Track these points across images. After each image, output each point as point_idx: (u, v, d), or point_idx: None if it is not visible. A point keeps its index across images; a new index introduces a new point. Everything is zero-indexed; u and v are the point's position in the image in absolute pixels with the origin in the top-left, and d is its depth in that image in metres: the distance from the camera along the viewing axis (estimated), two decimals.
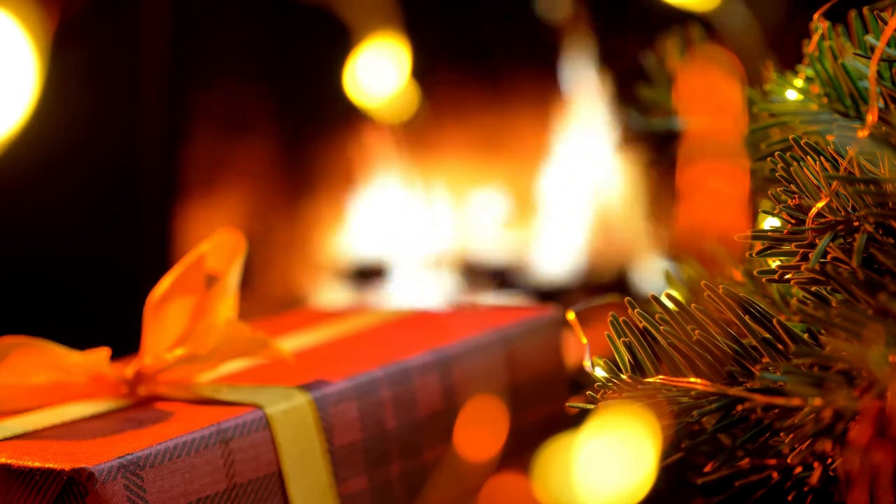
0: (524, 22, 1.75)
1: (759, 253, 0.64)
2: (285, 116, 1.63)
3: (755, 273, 0.69)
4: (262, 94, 1.61)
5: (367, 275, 1.68)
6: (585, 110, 1.78)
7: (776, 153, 0.64)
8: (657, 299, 0.63)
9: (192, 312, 0.74)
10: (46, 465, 0.62)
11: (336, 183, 1.68)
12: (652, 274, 1.67)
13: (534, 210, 1.79)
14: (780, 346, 0.60)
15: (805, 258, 0.62)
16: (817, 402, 0.56)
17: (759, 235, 0.64)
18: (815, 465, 0.63)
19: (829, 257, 0.60)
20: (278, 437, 0.68)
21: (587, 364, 0.65)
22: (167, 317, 0.74)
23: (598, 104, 1.77)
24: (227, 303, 0.75)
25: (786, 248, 0.63)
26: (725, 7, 1.42)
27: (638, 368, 0.62)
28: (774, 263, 0.64)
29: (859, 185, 0.60)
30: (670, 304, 0.63)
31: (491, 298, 1.70)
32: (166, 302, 0.73)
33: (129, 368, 0.73)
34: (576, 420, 0.62)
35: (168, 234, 1.47)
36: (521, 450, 0.77)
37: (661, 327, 0.62)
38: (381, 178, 1.71)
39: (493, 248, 1.76)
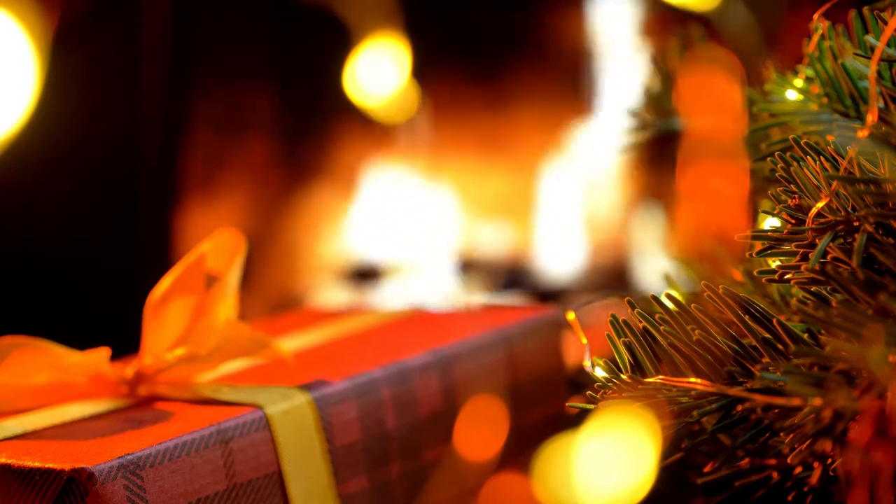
0: (524, 22, 1.75)
1: (759, 253, 0.64)
2: (285, 116, 1.63)
3: (755, 273, 0.69)
4: (262, 94, 1.61)
5: (367, 275, 1.68)
6: (585, 109, 1.78)
7: (776, 153, 0.64)
8: (657, 299, 0.63)
9: (192, 312, 0.74)
10: (46, 465, 0.62)
11: (336, 183, 1.68)
12: (652, 274, 1.67)
13: (534, 210, 1.79)
14: (780, 346, 0.60)
15: (805, 258, 0.62)
16: (817, 402, 0.56)
17: (759, 235, 0.64)
18: (815, 465, 0.63)
19: (829, 257, 0.60)
20: (278, 437, 0.68)
21: (587, 364, 0.65)
22: (167, 317, 0.73)
23: (598, 104, 1.77)
24: (227, 303, 0.75)
25: (786, 248, 0.63)
26: (725, 7, 1.42)
27: (638, 368, 0.62)
28: (774, 263, 0.64)
29: (859, 185, 0.60)
30: (670, 304, 0.63)
31: (491, 298, 1.70)
32: (166, 302, 0.73)
33: (129, 368, 0.73)
34: (576, 420, 0.62)
35: (168, 234, 1.47)
36: (521, 450, 0.77)
37: (661, 327, 0.62)
38: (382, 178, 1.71)
39: (493, 247, 1.76)
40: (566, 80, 1.79)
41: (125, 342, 0.82)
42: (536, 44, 1.77)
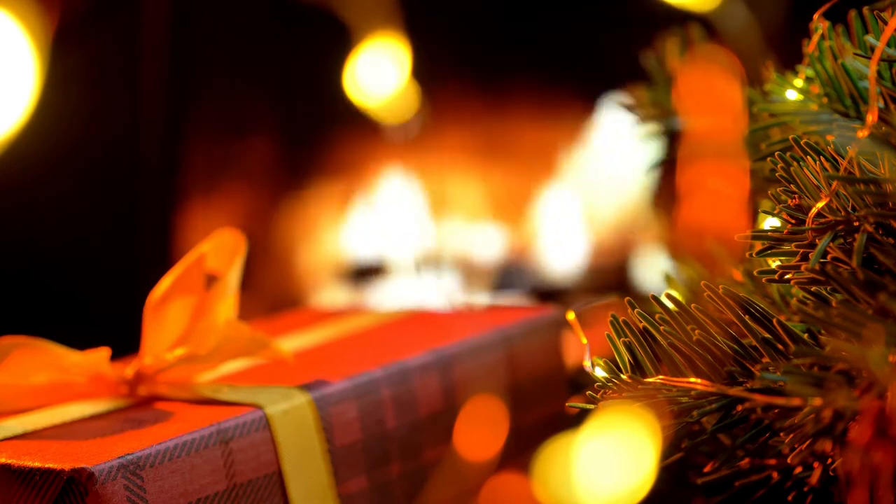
0: (524, 22, 1.75)
1: (759, 253, 0.64)
2: (285, 116, 1.63)
3: (755, 273, 0.69)
4: (262, 95, 1.61)
5: (367, 275, 1.68)
6: (586, 111, 1.78)
7: (776, 153, 0.64)
8: (657, 299, 0.63)
9: (192, 312, 0.74)
10: (46, 465, 0.62)
11: (336, 182, 1.68)
12: (652, 274, 1.67)
13: (535, 210, 1.79)
14: (780, 346, 0.60)
15: (805, 258, 0.62)
16: (817, 402, 0.56)
17: (759, 235, 0.64)
18: (815, 465, 0.63)
19: (829, 257, 0.60)
20: (278, 437, 0.68)
21: (587, 364, 0.65)
22: (167, 317, 0.74)
23: (599, 105, 1.77)
24: (227, 303, 0.75)
25: (786, 248, 0.63)
26: (725, 7, 1.42)
27: (638, 368, 0.62)
28: (774, 263, 0.64)
29: (859, 185, 0.60)
30: (670, 304, 0.63)
31: (491, 298, 1.70)
32: (166, 302, 0.73)
33: (129, 368, 0.73)
34: (576, 420, 0.62)
35: (168, 234, 1.47)
36: (521, 450, 0.77)
37: (661, 327, 0.62)
38: (381, 179, 1.71)
39: (493, 247, 1.76)
40: (566, 79, 1.79)
41: (125, 342, 0.82)
42: (537, 44, 1.77)
